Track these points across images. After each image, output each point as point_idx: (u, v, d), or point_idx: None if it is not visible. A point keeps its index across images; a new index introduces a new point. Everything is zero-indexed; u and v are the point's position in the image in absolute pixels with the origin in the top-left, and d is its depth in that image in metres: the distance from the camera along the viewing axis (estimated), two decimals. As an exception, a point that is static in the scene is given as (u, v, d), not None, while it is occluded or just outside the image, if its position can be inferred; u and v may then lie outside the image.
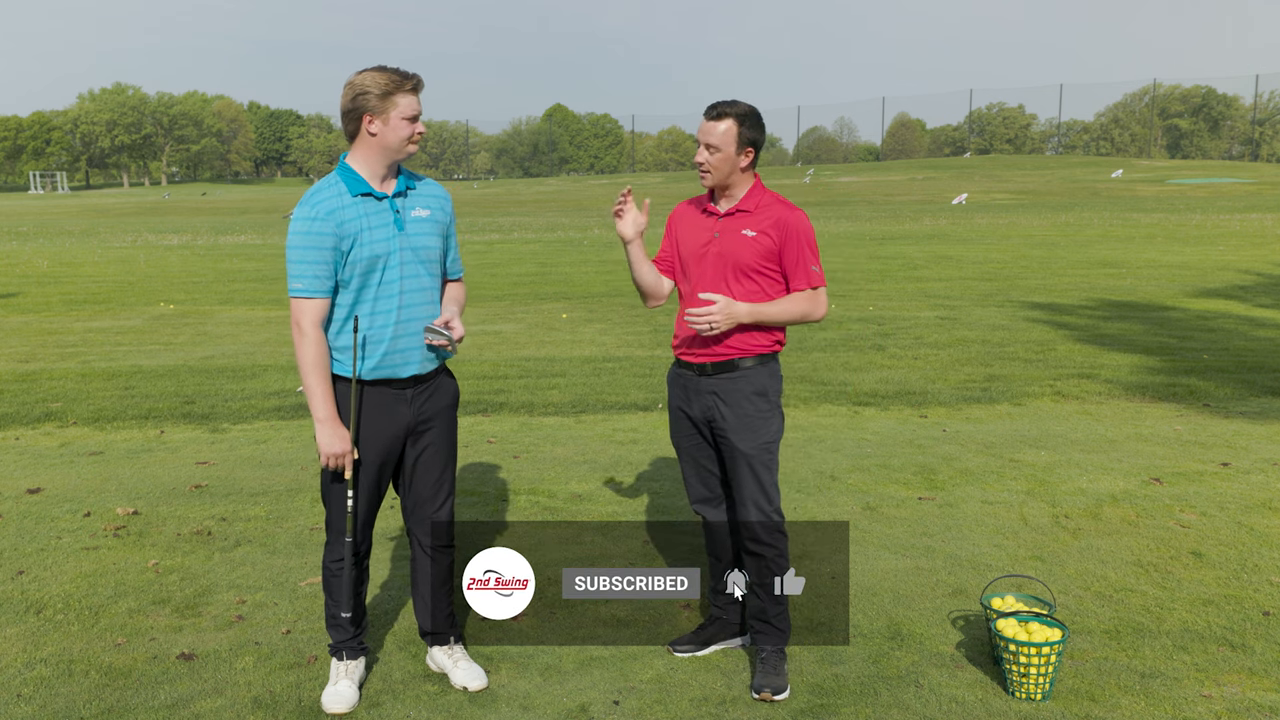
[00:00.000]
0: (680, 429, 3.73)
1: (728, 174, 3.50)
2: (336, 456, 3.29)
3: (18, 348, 10.75)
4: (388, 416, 3.37)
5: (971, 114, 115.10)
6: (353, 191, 3.25)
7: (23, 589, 4.36)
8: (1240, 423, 7.16)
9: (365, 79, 3.21)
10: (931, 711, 3.37)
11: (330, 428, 3.27)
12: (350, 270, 3.24)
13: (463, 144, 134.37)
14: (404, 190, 3.35)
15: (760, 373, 3.55)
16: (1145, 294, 14.07)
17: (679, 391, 3.69)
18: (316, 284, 3.22)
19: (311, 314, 3.23)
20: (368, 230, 3.24)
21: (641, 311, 12.98)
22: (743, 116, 3.46)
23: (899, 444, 6.63)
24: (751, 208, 3.54)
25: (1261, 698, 3.43)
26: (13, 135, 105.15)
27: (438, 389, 3.48)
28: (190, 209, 52.56)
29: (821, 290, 3.53)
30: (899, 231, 26.99)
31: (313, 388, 3.26)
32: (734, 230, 3.53)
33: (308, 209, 3.21)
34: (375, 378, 3.33)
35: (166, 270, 19.17)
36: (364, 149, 3.27)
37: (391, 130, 3.23)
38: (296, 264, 3.21)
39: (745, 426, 3.52)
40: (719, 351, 3.52)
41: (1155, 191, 51.15)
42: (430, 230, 3.38)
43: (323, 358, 3.26)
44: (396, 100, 3.20)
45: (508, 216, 39.33)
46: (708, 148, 3.47)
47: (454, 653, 3.62)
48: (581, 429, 7.18)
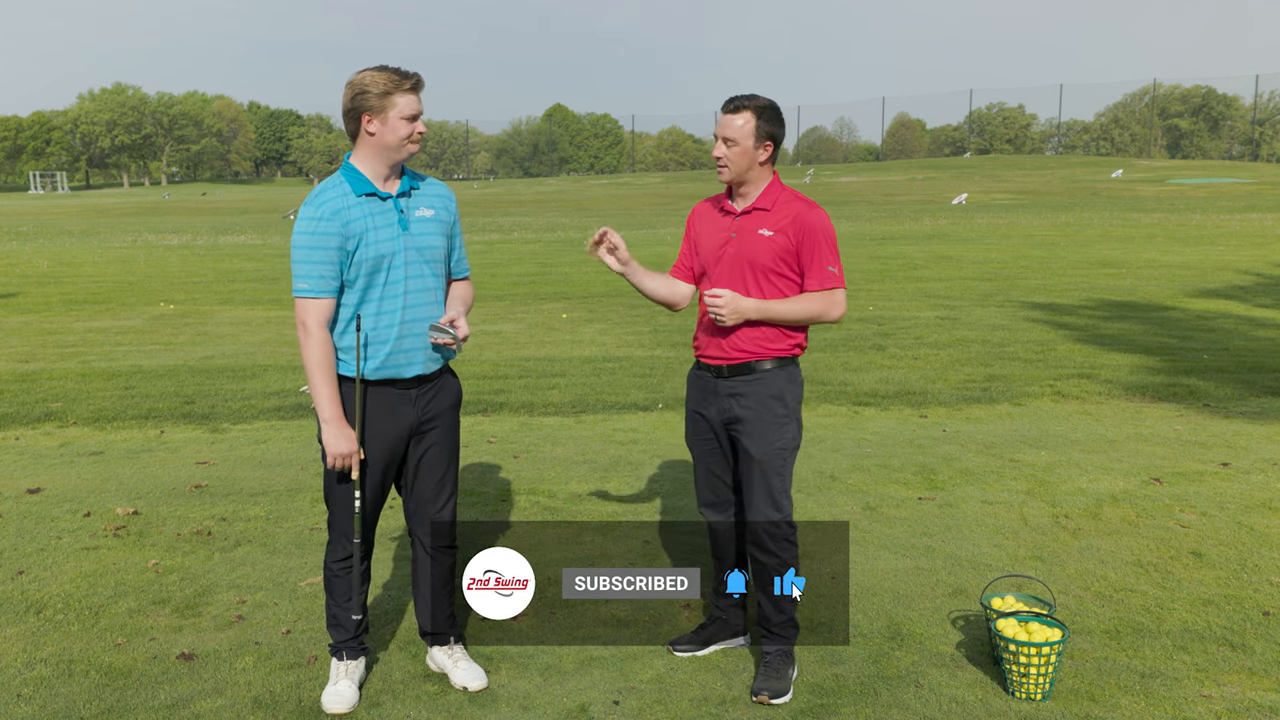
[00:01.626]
0: (695, 431, 3.68)
1: (745, 169, 3.42)
2: (343, 456, 3.29)
3: (18, 348, 10.75)
4: (392, 416, 3.37)
5: (971, 114, 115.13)
6: (357, 191, 3.26)
7: (23, 589, 4.36)
8: (1240, 423, 7.16)
9: (365, 78, 3.21)
10: (931, 711, 3.37)
11: (337, 428, 3.27)
12: (356, 270, 3.24)
13: (463, 144, 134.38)
14: (408, 190, 3.36)
15: (778, 376, 3.47)
16: (1145, 294, 14.07)
17: (696, 393, 3.64)
18: (322, 284, 3.22)
19: (317, 314, 3.24)
20: (373, 230, 3.25)
21: (642, 311, 12.98)
22: (761, 110, 3.39)
23: (899, 444, 6.63)
24: (769, 205, 3.46)
25: (1261, 698, 3.43)
26: (13, 135, 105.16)
27: (442, 389, 3.48)
28: (190, 209, 52.56)
29: (838, 292, 3.43)
30: (899, 231, 26.99)
31: (319, 388, 3.26)
32: (751, 230, 3.45)
33: (313, 209, 3.22)
34: (380, 378, 3.33)
35: (166, 270, 19.17)
36: (365, 149, 3.28)
37: (390, 130, 3.23)
38: (302, 264, 3.21)
39: (758, 431, 3.46)
40: (736, 354, 3.46)
41: (1155, 191, 51.15)
42: (435, 230, 3.39)
43: (329, 358, 3.26)
44: (395, 100, 3.20)
45: (508, 216, 39.33)
46: (725, 141, 3.39)
47: (454, 653, 3.62)
48: (581, 429, 7.18)
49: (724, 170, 3.44)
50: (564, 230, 30.01)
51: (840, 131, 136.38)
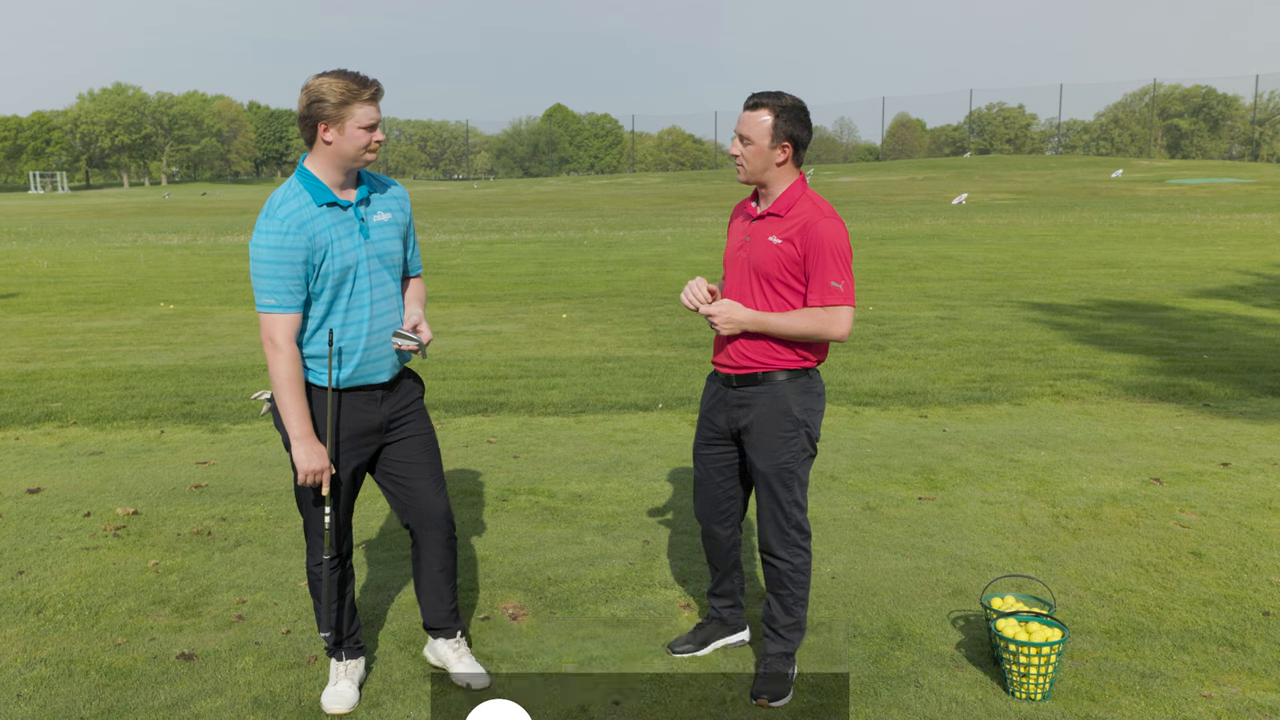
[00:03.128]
0: (702, 435, 3.65)
1: (761, 170, 3.30)
2: (315, 474, 3.24)
3: (18, 348, 10.75)
4: (360, 416, 3.33)
5: (971, 114, 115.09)
6: (318, 201, 3.16)
7: (23, 589, 4.36)
8: (1240, 423, 7.16)
9: (322, 85, 3.08)
10: (931, 711, 3.37)
11: (308, 445, 3.21)
12: (322, 283, 3.17)
13: (463, 144, 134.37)
14: (365, 197, 3.28)
15: (788, 389, 3.36)
16: (1145, 294, 14.07)
17: (709, 398, 3.60)
18: (289, 299, 3.14)
19: (285, 328, 3.16)
20: (337, 241, 3.17)
21: (642, 311, 12.98)
22: (783, 109, 3.25)
23: (899, 444, 6.63)
24: (782, 211, 3.32)
25: (1261, 698, 3.43)
26: (13, 135, 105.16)
27: (407, 389, 3.47)
28: (190, 209, 52.53)
29: (842, 310, 3.24)
30: (899, 231, 26.98)
31: (288, 404, 3.19)
32: (762, 236, 3.34)
33: (275, 223, 3.10)
34: (349, 386, 3.30)
35: (166, 270, 19.17)
36: (321, 157, 3.17)
37: (348, 140, 3.12)
38: (268, 279, 3.11)
39: (764, 444, 3.40)
40: (745, 363, 3.39)
41: (1155, 191, 51.13)
42: (393, 234, 3.34)
43: (298, 373, 3.20)
44: (353, 109, 3.08)
45: (508, 216, 39.32)
46: (741, 139, 3.29)
47: (459, 647, 3.61)
48: (581, 429, 7.18)
49: (740, 169, 3.34)
50: (564, 230, 29.99)
51: (840, 131, 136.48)
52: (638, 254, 21.12)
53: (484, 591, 4.35)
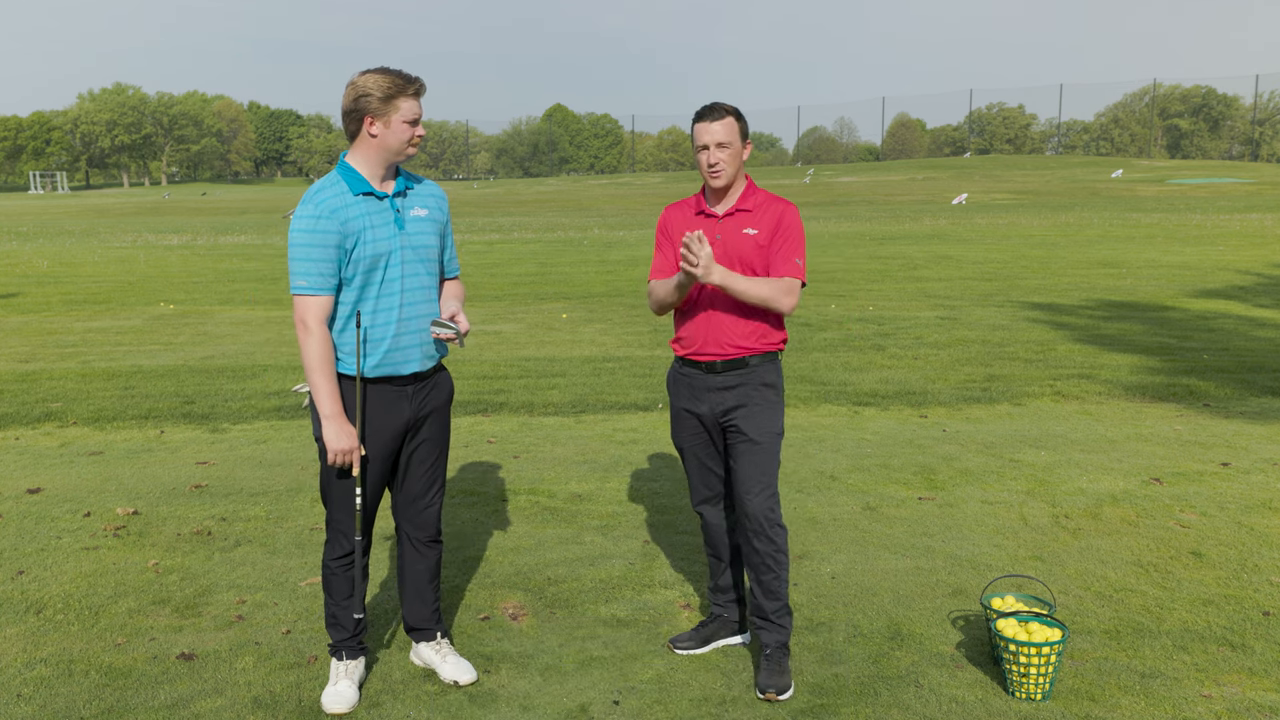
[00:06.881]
0: (685, 429, 3.73)
1: (736, 170, 3.54)
2: (345, 453, 3.29)
3: (18, 348, 10.75)
4: (390, 413, 3.39)
5: (971, 114, 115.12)
6: (354, 190, 3.27)
7: (23, 589, 4.36)
8: (1240, 423, 7.16)
9: (368, 81, 3.22)
10: (931, 711, 3.37)
11: (338, 424, 3.28)
12: (353, 268, 3.26)
13: (463, 144, 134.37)
14: (403, 190, 3.38)
15: (768, 368, 3.63)
16: (1145, 294, 14.07)
17: (684, 392, 3.70)
18: (321, 281, 3.24)
19: (317, 311, 3.25)
20: (370, 229, 3.27)
21: (642, 311, 12.98)
22: (738, 113, 3.55)
23: (899, 444, 6.63)
24: (751, 207, 3.58)
25: (1261, 698, 3.43)
26: (13, 135, 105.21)
27: (436, 385, 3.52)
28: (190, 209, 52.55)
29: (797, 284, 3.54)
30: (899, 231, 26.99)
31: (319, 384, 3.27)
32: (736, 230, 3.56)
33: (311, 207, 3.23)
34: (377, 375, 3.35)
35: (166, 270, 19.17)
36: (364, 149, 3.29)
37: (393, 133, 3.25)
38: (301, 261, 3.22)
39: (758, 415, 3.58)
40: (733, 350, 3.58)
41: (1155, 191, 51.14)
42: (429, 229, 3.42)
43: (329, 354, 3.28)
44: (399, 104, 3.23)
45: (508, 216, 39.33)
46: (719, 146, 3.48)
47: (441, 648, 3.64)
48: (581, 429, 7.18)
49: (719, 175, 3.52)
50: (564, 230, 30.00)
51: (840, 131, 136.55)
52: (638, 254, 21.13)
53: (484, 591, 4.35)
